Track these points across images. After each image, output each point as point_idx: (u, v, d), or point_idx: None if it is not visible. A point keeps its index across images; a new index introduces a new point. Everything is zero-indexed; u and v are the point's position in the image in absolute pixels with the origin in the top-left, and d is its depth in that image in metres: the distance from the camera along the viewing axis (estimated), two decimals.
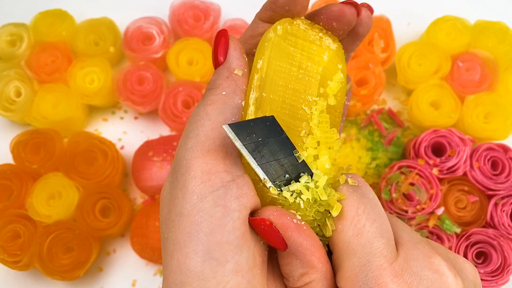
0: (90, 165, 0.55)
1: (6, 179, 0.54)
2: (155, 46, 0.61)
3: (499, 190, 0.52)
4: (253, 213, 0.26)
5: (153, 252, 0.53)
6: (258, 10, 0.72)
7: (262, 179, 0.25)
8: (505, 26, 0.62)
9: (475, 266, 0.51)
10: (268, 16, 0.30)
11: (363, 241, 0.24)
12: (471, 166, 0.53)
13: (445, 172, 0.53)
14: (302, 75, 0.28)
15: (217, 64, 0.28)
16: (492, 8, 0.69)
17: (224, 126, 0.24)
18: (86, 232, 0.52)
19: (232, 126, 0.24)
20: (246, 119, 0.27)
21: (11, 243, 0.52)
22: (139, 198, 0.59)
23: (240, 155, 0.26)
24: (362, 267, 0.24)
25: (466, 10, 0.66)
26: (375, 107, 0.62)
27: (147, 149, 0.56)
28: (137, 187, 0.56)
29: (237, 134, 0.24)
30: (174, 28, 0.63)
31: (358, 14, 0.28)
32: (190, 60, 0.61)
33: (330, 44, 0.29)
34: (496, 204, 0.53)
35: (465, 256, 0.51)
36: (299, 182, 0.26)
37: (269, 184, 0.25)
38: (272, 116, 0.26)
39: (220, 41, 0.28)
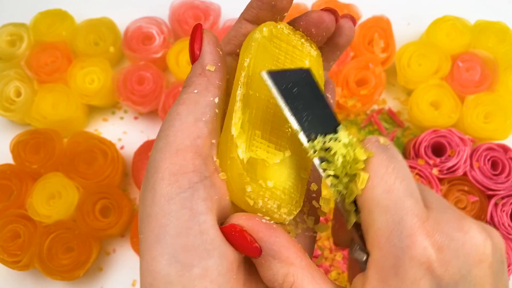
0: (90, 165, 0.55)
1: (6, 179, 0.54)
2: (155, 46, 0.61)
3: (499, 190, 0.52)
4: (223, 222, 0.25)
5: None
6: None
7: (295, 129, 0.25)
8: (505, 26, 0.62)
9: None
10: (253, 15, 0.29)
11: (395, 198, 0.24)
12: (471, 166, 0.53)
13: (445, 172, 0.53)
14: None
15: (193, 60, 0.28)
16: (492, 8, 0.69)
17: (262, 73, 0.24)
18: (86, 232, 0.52)
19: (270, 73, 0.24)
20: (234, 114, 0.27)
21: (11, 243, 0.52)
22: (139, 198, 0.59)
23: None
24: (396, 224, 0.23)
25: (466, 10, 0.66)
26: (375, 107, 0.62)
27: (147, 149, 0.56)
28: (137, 187, 0.56)
29: (274, 82, 0.24)
30: (174, 28, 0.63)
31: (337, 21, 0.29)
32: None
33: (311, 51, 0.30)
34: (496, 204, 0.53)
35: None
36: (333, 135, 0.26)
37: (300, 134, 0.25)
38: (309, 68, 0.26)
39: (196, 35, 0.28)
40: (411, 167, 0.53)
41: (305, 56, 0.29)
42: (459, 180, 0.54)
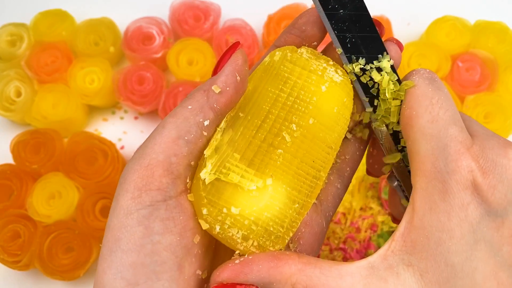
0: (90, 165, 0.55)
1: (6, 179, 0.54)
2: (155, 46, 0.61)
3: None
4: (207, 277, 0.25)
5: None
6: (258, 10, 0.72)
7: (337, 49, 0.26)
8: (505, 26, 0.62)
9: None
10: (283, 41, 0.30)
11: (439, 126, 0.25)
12: None
13: None
14: (291, 102, 0.26)
15: (213, 75, 0.27)
16: (492, 8, 0.69)
17: None
18: (86, 232, 0.52)
19: None
20: (214, 135, 0.26)
21: (11, 243, 0.52)
22: None
23: (187, 172, 0.26)
24: (442, 150, 0.24)
25: (466, 10, 0.66)
26: None
27: None
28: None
29: (321, 1, 0.25)
30: (174, 28, 0.63)
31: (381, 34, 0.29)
32: (190, 60, 0.61)
33: (334, 76, 0.27)
34: None
35: None
36: (377, 62, 0.27)
37: (341, 54, 0.26)
38: None
39: (226, 54, 0.27)
40: None
41: (323, 81, 0.27)
42: None
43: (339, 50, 0.26)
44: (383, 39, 0.29)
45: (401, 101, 0.27)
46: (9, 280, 0.55)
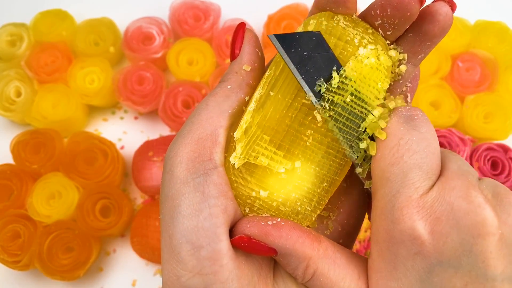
0: (90, 165, 0.55)
1: (6, 179, 0.54)
2: (155, 46, 0.61)
3: None
4: (231, 229, 0.26)
5: (153, 252, 0.53)
6: (257, 10, 0.71)
7: (306, 92, 0.24)
8: (505, 26, 0.62)
9: None
10: (322, 4, 0.27)
11: (398, 170, 0.23)
12: (471, 166, 0.54)
13: None
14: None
15: (232, 57, 0.28)
16: (492, 8, 0.69)
17: (270, 36, 0.23)
18: (86, 232, 0.52)
19: (278, 36, 0.23)
20: (244, 116, 0.26)
21: (11, 243, 0.52)
22: (139, 198, 0.59)
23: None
24: (392, 197, 0.23)
25: (466, 10, 0.66)
26: None
27: (147, 149, 0.56)
28: (137, 187, 0.56)
29: (282, 45, 0.23)
30: (174, 28, 0.63)
31: (422, 2, 0.24)
32: (190, 60, 0.61)
33: (370, 46, 0.25)
34: None
35: None
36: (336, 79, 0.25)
37: (312, 98, 0.24)
38: (319, 32, 0.25)
39: (238, 35, 0.28)
40: None
41: (358, 51, 0.25)
42: None
43: (308, 94, 0.24)
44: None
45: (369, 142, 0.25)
46: (9, 280, 0.55)
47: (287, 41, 0.24)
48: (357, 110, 0.25)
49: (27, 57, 0.60)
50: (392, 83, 0.28)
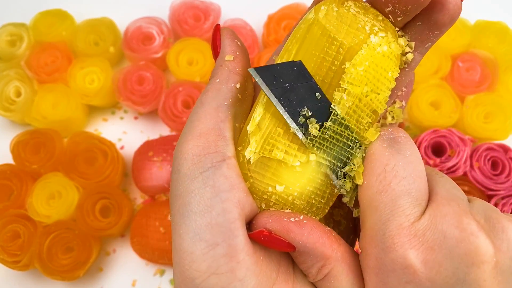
0: (90, 165, 0.55)
1: (6, 179, 0.54)
2: (155, 46, 0.61)
3: (499, 190, 0.52)
4: (250, 222, 0.25)
5: (153, 252, 0.53)
6: (258, 10, 0.71)
7: (290, 125, 0.24)
8: (505, 26, 0.62)
9: None
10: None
11: (386, 199, 0.23)
12: (471, 166, 0.53)
13: (445, 172, 0.53)
14: (336, 68, 0.24)
15: (215, 56, 0.29)
16: (492, 8, 0.69)
17: (250, 70, 0.23)
18: (86, 232, 0.52)
19: (258, 69, 0.23)
20: (256, 108, 0.25)
21: (11, 243, 0.52)
22: (139, 198, 0.59)
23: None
24: (382, 225, 0.23)
25: (466, 10, 0.66)
26: None
27: (147, 149, 0.56)
28: (137, 187, 0.56)
29: (263, 78, 0.23)
30: (174, 28, 0.63)
31: None
32: (190, 60, 0.61)
33: (381, 33, 0.24)
34: (496, 204, 0.53)
35: None
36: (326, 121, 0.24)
37: (297, 131, 0.24)
38: (300, 61, 0.24)
39: (216, 36, 0.29)
40: None
41: (370, 39, 0.24)
42: (459, 180, 0.54)
43: (293, 128, 0.24)
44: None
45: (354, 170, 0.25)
46: (9, 280, 0.55)
47: (268, 73, 0.23)
48: (343, 142, 0.25)
49: (27, 57, 0.60)
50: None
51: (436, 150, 0.55)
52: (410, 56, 0.26)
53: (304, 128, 0.24)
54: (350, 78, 0.24)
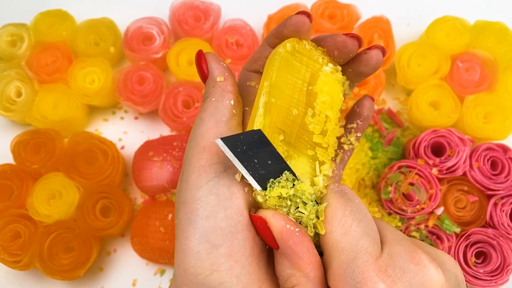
0: (90, 165, 0.55)
1: (6, 179, 0.55)
2: (155, 46, 0.61)
3: (499, 190, 0.53)
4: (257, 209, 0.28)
5: (153, 252, 0.53)
6: (257, 10, 0.72)
7: (255, 188, 0.27)
8: (504, 26, 0.62)
9: (475, 265, 0.51)
10: (276, 42, 0.33)
11: (350, 239, 0.26)
12: (471, 166, 0.54)
13: (444, 172, 0.53)
14: (306, 88, 0.31)
15: (203, 78, 0.32)
16: (492, 8, 0.69)
17: (216, 140, 0.26)
18: (86, 232, 0.52)
19: (224, 139, 0.26)
20: (256, 119, 0.29)
21: (12, 243, 0.52)
22: (139, 198, 0.59)
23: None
24: (350, 263, 0.25)
25: (466, 10, 0.66)
26: (375, 107, 0.62)
27: (148, 149, 0.57)
28: (138, 187, 0.57)
29: (229, 147, 0.26)
30: (174, 28, 0.64)
31: (360, 46, 0.31)
32: (190, 60, 0.61)
33: (329, 65, 0.32)
34: (495, 204, 0.53)
35: (465, 255, 0.51)
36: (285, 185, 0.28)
37: (258, 196, 0.28)
38: (259, 130, 0.28)
39: (200, 59, 0.32)
40: (410, 167, 0.53)
41: (323, 69, 0.32)
42: (458, 180, 0.54)
43: (256, 190, 0.27)
44: (361, 49, 0.32)
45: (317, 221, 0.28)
46: (10, 280, 0.55)
47: (233, 142, 0.27)
48: (301, 200, 0.28)
49: (27, 57, 0.60)
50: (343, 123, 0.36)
51: (436, 150, 0.55)
52: (346, 83, 0.34)
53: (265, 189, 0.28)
54: (321, 101, 0.32)
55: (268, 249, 0.29)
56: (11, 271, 0.55)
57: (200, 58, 0.32)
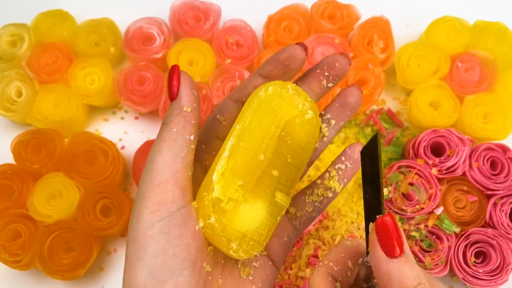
0: (91, 165, 0.55)
1: (7, 179, 0.55)
2: (156, 46, 0.61)
3: (498, 190, 0.53)
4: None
5: None
6: (257, 10, 0.72)
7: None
8: (504, 26, 0.62)
9: (474, 265, 0.51)
10: (267, 71, 0.34)
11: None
12: (470, 166, 0.54)
13: (444, 172, 0.53)
14: (278, 134, 0.32)
15: (172, 97, 0.31)
16: (491, 9, 0.69)
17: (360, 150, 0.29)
18: (86, 232, 0.52)
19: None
20: (219, 161, 0.31)
21: (12, 243, 0.52)
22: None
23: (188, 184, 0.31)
24: None
25: (465, 10, 0.66)
26: (375, 107, 0.62)
27: (148, 149, 0.57)
28: (138, 186, 0.57)
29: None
30: (174, 29, 0.64)
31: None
32: (191, 61, 0.61)
33: (308, 112, 0.34)
34: (495, 204, 0.53)
35: (464, 255, 0.51)
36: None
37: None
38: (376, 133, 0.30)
39: (174, 75, 0.31)
40: (410, 167, 0.53)
41: (302, 116, 0.33)
42: (458, 180, 0.54)
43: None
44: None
45: None
46: (10, 279, 0.55)
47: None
48: None
49: (28, 58, 0.60)
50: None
51: (435, 150, 0.55)
52: (324, 129, 0.36)
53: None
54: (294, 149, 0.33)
55: (214, 281, 0.31)
56: (12, 270, 0.55)
57: (173, 75, 0.31)
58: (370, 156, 0.28)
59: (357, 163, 0.36)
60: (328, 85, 0.36)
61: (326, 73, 0.35)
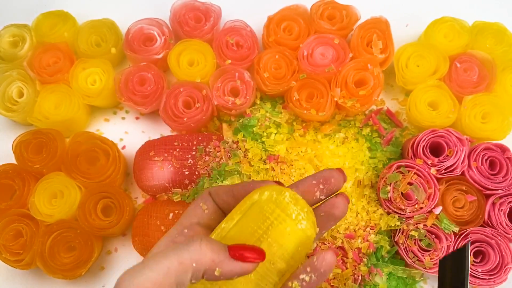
0: (92, 165, 0.56)
1: (8, 178, 0.55)
2: (156, 47, 0.62)
3: (497, 190, 0.53)
4: None
5: None
6: (258, 11, 0.72)
7: None
8: (502, 27, 0.62)
9: (473, 264, 0.51)
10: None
11: None
12: (469, 165, 0.54)
13: (443, 171, 0.54)
14: (264, 240, 0.32)
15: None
16: (490, 9, 0.70)
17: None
18: (87, 231, 0.53)
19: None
20: None
21: (13, 242, 0.52)
22: (140, 197, 0.59)
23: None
24: None
25: (464, 11, 0.67)
26: (374, 107, 0.62)
27: (149, 149, 0.57)
28: (138, 186, 0.57)
29: None
30: (175, 29, 0.64)
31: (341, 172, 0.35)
32: (191, 61, 0.61)
33: (302, 222, 0.33)
34: (493, 204, 0.53)
35: None
36: None
37: None
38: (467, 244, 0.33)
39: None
40: (409, 166, 0.54)
41: (295, 225, 0.33)
42: (457, 179, 0.54)
43: None
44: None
45: None
46: (11, 279, 0.56)
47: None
48: None
49: (29, 58, 0.60)
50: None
51: (434, 150, 0.56)
52: (315, 242, 0.36)
53: None
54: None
55: None
56: (13, 270, 0.55)
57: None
58: (454, 264, 0.29)
59: (322, 276, 0.34)
60: (321, 197, 0.36)
61: (321, 186, 0.35)
